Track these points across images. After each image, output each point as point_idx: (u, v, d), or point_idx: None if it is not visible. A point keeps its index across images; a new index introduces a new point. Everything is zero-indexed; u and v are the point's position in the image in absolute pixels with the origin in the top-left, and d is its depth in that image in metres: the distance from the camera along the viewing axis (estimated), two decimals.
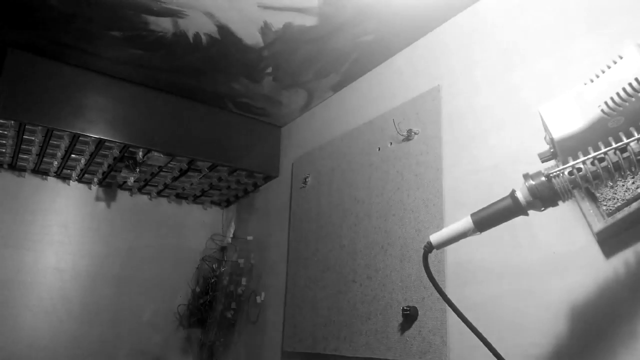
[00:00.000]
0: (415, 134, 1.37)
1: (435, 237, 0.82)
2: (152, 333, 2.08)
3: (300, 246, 1.74)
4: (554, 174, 0.73)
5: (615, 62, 0.78)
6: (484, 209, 0.79)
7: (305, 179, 1.79)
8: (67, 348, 1.89)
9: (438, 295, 1.12)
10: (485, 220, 0.78)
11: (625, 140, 0.70)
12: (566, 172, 0.73)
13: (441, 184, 1.26)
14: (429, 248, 0.82)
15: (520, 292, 1.02)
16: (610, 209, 0.87)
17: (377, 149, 1.50)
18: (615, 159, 0.70)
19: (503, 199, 0.77)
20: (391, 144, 1.45)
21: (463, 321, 0.87)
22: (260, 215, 2.07)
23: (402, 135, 1.39)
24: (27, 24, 1.46)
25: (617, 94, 0.74)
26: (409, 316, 1.24)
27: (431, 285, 1.11)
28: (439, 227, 1.23)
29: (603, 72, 0.79)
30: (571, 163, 0.73)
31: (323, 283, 1.58)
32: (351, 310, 1.44)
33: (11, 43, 1.54)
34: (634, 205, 0.84)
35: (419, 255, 1.25)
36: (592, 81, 0.80)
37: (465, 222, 0.79)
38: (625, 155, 0.70)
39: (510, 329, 1.02)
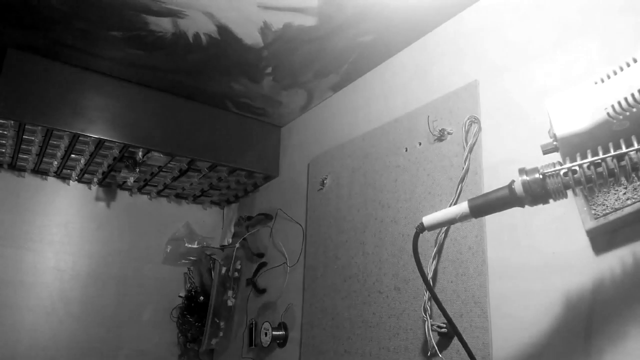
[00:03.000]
0: (448, 134, 1.24)
1: (428, 219, 0.85)
2: (152, 333, 2.09)
3: (318, 251, 1.63)
4: (550, 173, 0.74)
5: (628, 65, 0.77)
6: (481, 195, 0.81)
7: (324, 180, 1.68)
8: (68, 348, 1.89)
9: (479, 312, 1.08)
10: (481, 207, 0.80)
11: (624, 149, 0.70)
12: (561, 173, 0.74)
13: (481, 188, 1.14)
14: (421, 229, 0.86)
15: (521, 292, 1.02)
16: (598, 215, 0.89)
17: (405, 150, 1.38)
18: (612, 165, 0.71)
19: (501, 188, 0.79)
20: (420, 144, 1.32)
21: (440, 309, 0.89)
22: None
23: (434, 135, 1.27)
24: (27, 24, 1.46)
25: (625, 99, 0.74)
26: (445, 335, 1.12)
27: (471, 300, 1.10)
28: (478, 232, 1.12)
29: (615, 73, 0.78)
30: (567, 165, 0.74)
31: (344, 293, 1.48)
32: (377, 324, 1.34)
33: (11, 43, 1.54)
34: (626, 210, 0.85)
35: (456, 266, 1.15)
36: (602, 81, 0.79)
37: (461, 206, 0.82)
38: (622, 163, 0.71)
39: (511, 328, 1.02)
